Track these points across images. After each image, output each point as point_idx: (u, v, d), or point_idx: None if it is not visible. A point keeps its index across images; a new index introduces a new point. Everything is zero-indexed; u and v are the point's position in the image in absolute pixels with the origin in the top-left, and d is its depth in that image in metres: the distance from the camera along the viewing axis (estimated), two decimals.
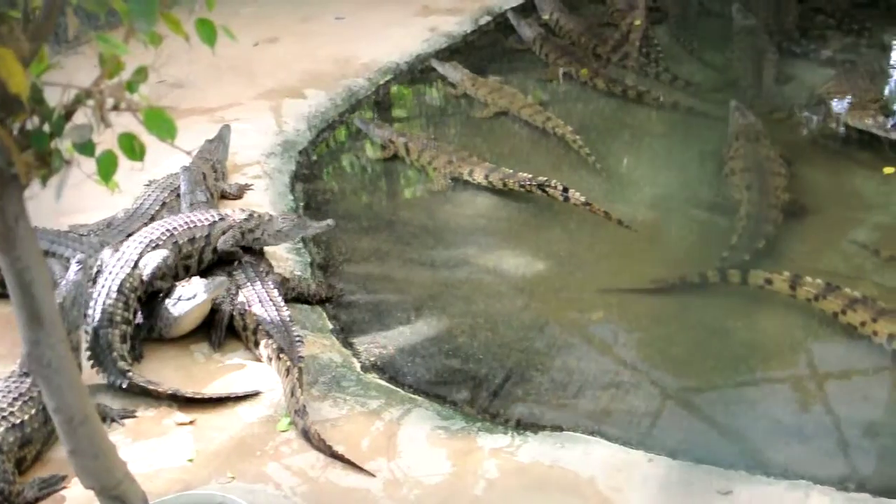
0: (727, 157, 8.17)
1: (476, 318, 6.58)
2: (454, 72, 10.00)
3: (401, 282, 6.98)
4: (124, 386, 5.47)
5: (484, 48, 11.05)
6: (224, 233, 6.43)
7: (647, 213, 7.63)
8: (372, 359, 6.11)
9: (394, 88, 10.17)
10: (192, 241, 6.33)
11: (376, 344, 6.30)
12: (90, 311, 5.70)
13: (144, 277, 5.98)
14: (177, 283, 6.06)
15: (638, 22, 11.14)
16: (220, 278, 6.02)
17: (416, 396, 5.63)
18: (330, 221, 6.79)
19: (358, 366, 5.93)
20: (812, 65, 10.24)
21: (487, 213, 7.92)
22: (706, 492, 4.75)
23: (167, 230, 6.25)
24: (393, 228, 7.68)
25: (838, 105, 8.87)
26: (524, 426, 5.43)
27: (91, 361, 5.56)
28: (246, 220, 6.53)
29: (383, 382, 5.77)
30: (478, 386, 5.92)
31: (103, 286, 5.83)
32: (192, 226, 6.35)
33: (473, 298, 6.80)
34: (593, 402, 5.78)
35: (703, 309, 6.65)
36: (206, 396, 5.47)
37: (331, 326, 6.38)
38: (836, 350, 6.25)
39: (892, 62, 10.36)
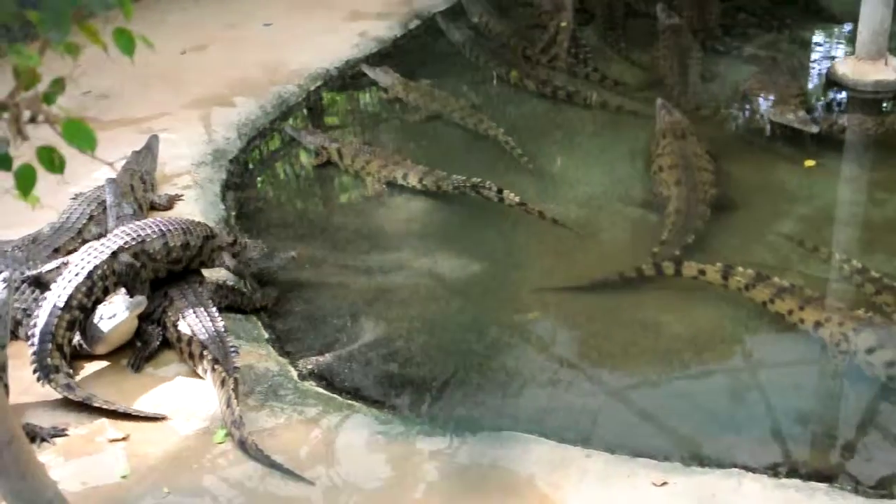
0: (655, 155, 8.27)
1: (413, 322, 6.58)
2: (385, 76, 9.99)
3: (336, 288, 6.93)
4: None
5: (414, 52, 11.05)
6: (213, 250, 6.50)
7: (579, 212, 7.70)
8: (309, 367, 6.06)
9: (325, 94, 10.12)
10: (185, 246, 6.28)
11: (313, 352, 6.26)
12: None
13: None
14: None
15: (564, 23, 11.25)
16: (139, 297, 5.94)
17: (354, 402, 5.60)
18: (293, 253, 6.83)
19: (295, 374, 5.88)
20: (735, 62, 10.44)
21: (422, 216, 7.93)
22: (643, 484, 4.81)
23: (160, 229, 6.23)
24: (327, 235, 7.65)
25: (761, 101, 9.06)
26: (463, 428, 5.40)
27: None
28: (230, 244, 6.61)
29: (321, 390, 5.73)
30: (416, 390, 5.92)
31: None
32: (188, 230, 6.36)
33: (410, 302, 6.80)
34: (531, 400, 5.81)
35: (637, 304, 6.72)
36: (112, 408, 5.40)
37: (266, 336, 6.33)
38: (767, 340, 6.37)
39: (811, 58, 10.60)
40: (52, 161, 2.86)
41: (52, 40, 2.69)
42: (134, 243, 6.08)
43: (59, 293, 5.73)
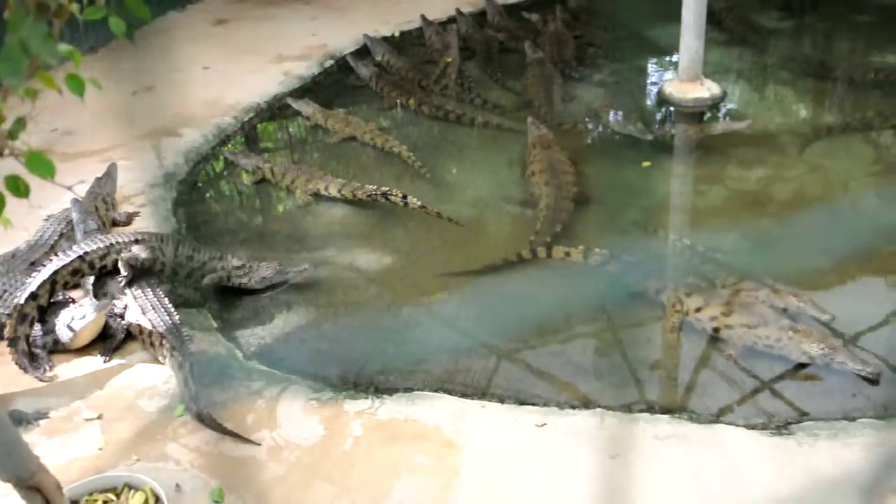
0: (528, 162, 8.36)
1: (338, 307, 6.54)
2: (306, 107, 9.87)
3: (274, 284, 6.80)
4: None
5: (330, 86, 10.92)
6: (215, 271, 6.49)
7: (470, 211, 7.74)
8: (252, 349, 5.98)
9: (257, 124, 9.94)
10: (189, 258, 6.45)
11: (256, 336, 6.17)
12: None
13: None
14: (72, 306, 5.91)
15: (450, 59, 11.28)
16: (105, 300, 5.78)
17: (291, 376, 5.54)
18: (307, 266, 6.77)
19: (241, 356, 5.80)
20: (588, 86, 10.58)
21: (342, 220, 7.86)
22: (527, 426, 4.91)
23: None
24: (264, 239, 7.52)
25: (609, 116, 9.22)
26: (382, 391, 5.43)
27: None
28: (237, 267, 6.58)
29: (263, 367, 5.66)
30: (343, 362, 5.88)
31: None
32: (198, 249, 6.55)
33: (335, 291, 6.74)
34: (437, 365, 5.82)
35: (518, 282, 6.78)
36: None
37: (216, 325, 6.21)
38: (621, 305, 6.46)
39: (646, 81, 10.85)
40: (18, 188, 2.76)
41: (11, 86, 2.60)
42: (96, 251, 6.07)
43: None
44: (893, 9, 12.39)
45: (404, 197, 7.58)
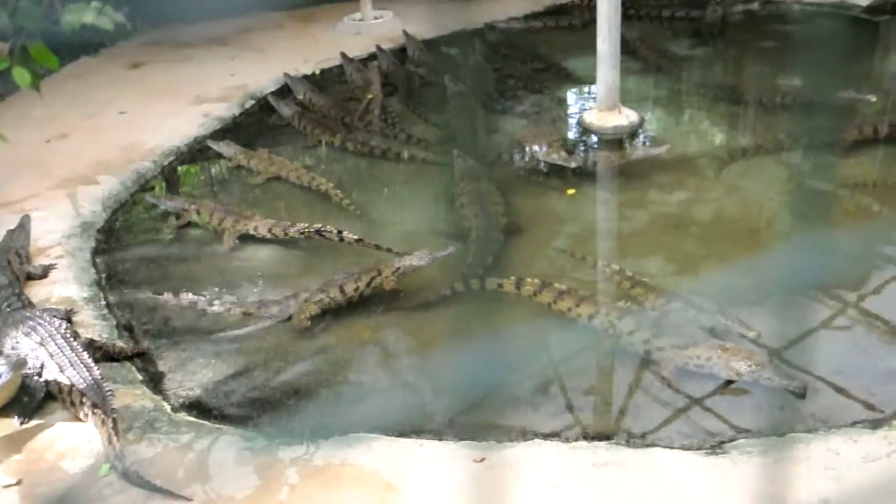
0: (457, 195, 8.40)
1: (269, 353, 6.38)
2: (228, 148, 9.73)
3: (201, 331, 6.63)
4: None
5: (251, 126, 10.80)
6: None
7: (400, 246, 7.68)
8: (181, 400, 5.77)
9: (178, 167, 9.74)
10: None
11: (183, 387, 5.96)
12: None
13: None
14: None
15: (371, 95, 11.32)
16: (19, 359, 5.51)
17: (222, 426, 5.37)
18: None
19: (168, 408, 5.58)
20: (510, 118, 10.73)
21: (271, 261, 7.74)
22: (465, 462, 4.87)
23: None
24: (190, 286, 7.27)
25: (532, 146, 9.34)
26: (317, 435, 5.29)
27: None
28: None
29: (192, 419, 5.46)
30: (275, 408, 5.74)
31: None
32: None
33: (265, 336, 6.59)
34: (373, 406, 5.73)
35: (452, 316, 6.76)
36: None
37: (140, 378, 5.96)
38: (555, 333, 6.52)
39: (567, 111, 11.09)
40: None
41: None
42: None
43: None
44: (795, 34, 13.04)
45: (339, 232, 7.52)
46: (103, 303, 6.90)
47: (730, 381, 5.67)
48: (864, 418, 5.25)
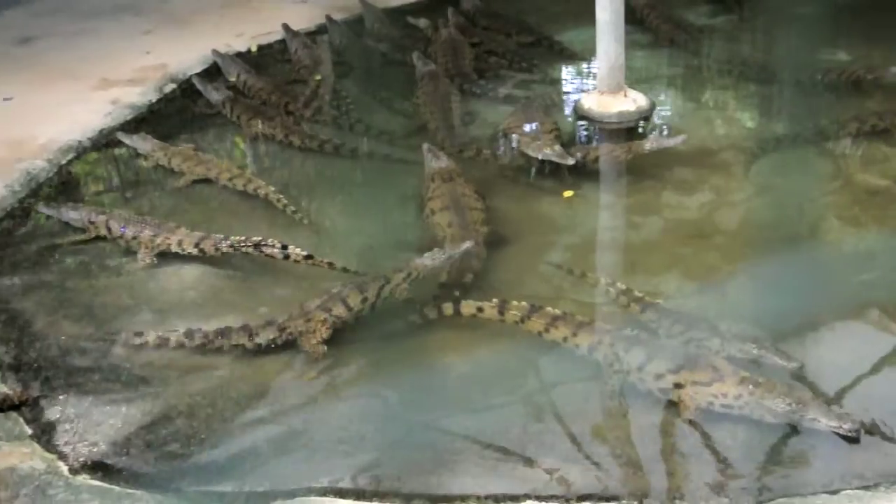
0: (426, 199, 8.41)
1: (194, 397, 6.30)
2: (143, 143, 9.67)
3: (107, 371, 6.54)
4: None
5: (172, 116, 10.76)
6: None
7: (358, 263, 7.67)
8: (81, 459, 5.67)
9: (81, 167, 9.64)
10: None
11: (86, 442, 5.85)
12: None
13: None
14: None
15: (319, 77, 11.33)
16: None
17: (133, 491, 5.28)
18: None
19: (66, 469, 5.49)
20: (493, 103, 10.79)
21: (196, 283, 7.68)
22: None
23: None
24: (94, 314, 7.21)
25: (519, 139, 9.33)
26: (255, 498, 5.26)
27: None
28: None
29: (96, 482, 5.37)
30: (202, 466, 5.66)
31: None
32: None
33: (188, 377, 6.51)
34: (324, 460, 5.67)
35: (423, 348, 6.78)
36: None
37: (30, 431, 5.86)
38: (547, 368, 6.52)
39: (562, 94, 11.14)
40: None
41: None
42: None
43: None
44: None
45: (284, 247, 7.47)
46: None
47: (767, 425, 5.68)
48: None
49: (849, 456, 5.44)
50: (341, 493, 5.28)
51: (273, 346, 6.69)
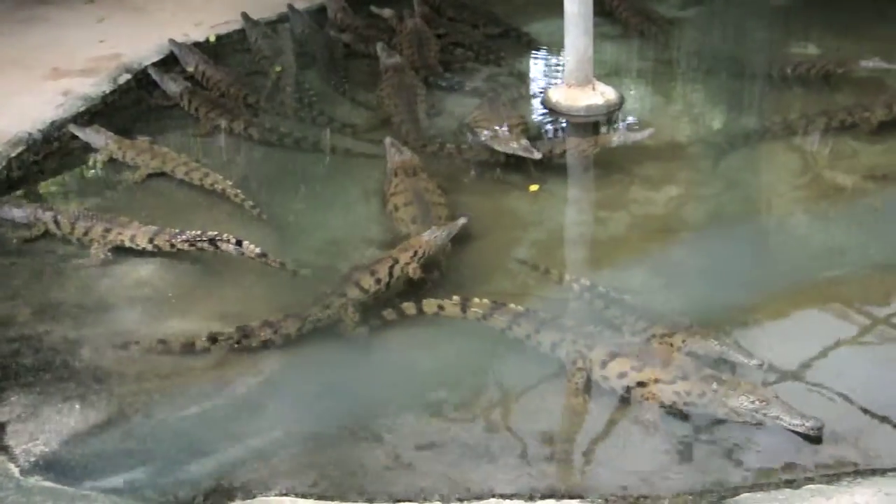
0: (389, 194, 8.48)
1: (150, 395, 6.33)
2: (96, 136, 9.64)
3: (59, 369, 6.55)
4: None
5: (127, 108, 10.73)
6: None
7: (320, 259, 7.74)
8: (33, 459, 5.69)
9: (29, 161, 9.57)
10: None
11: (37, 442, 5.87)
12: None
13: None
14: None
15: (280, 68, 11.34)
16: None
17: (88, 492, 5.29)
18: None
19: (17, 470, 5.52)
20: (458, 96, 10.88)
21: (152, 279, 7.69)
22: None
23: None
24: (43, 312, 7.19)
25: (485, 132, 9.38)
26: (213, 498, 5.31)
27: None
28: None
29: (49, 484, 5.38)
30: (159, 466, 5.70)
31: None
32: None
33: (145, 374, 6.53)
34: (286, 461, 5.73)
35: (386, 347, 6.85)
36: None
37: None
38: (510, 366, 6.63)
39: (529, 87, 11.23)
40: None
41: None
42: None
43: None
44: None
45: (238, 243, 7.51)
46: None
47: (729, 422, 5.81)
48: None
49: (812, 451, 5.58)
50: (302, 495, 5.33)
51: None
